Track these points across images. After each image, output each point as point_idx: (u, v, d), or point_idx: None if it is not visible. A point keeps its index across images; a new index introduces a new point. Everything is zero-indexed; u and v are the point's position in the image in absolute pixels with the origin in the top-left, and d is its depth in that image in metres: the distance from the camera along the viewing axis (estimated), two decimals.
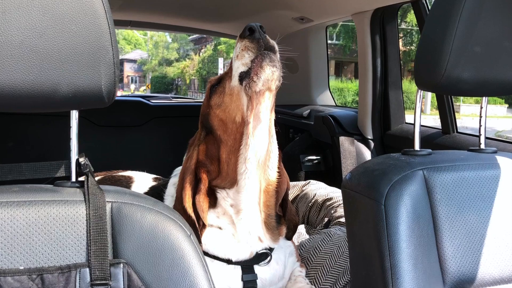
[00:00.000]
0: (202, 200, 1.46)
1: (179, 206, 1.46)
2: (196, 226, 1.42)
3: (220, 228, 1.51)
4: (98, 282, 0.87)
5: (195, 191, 1.47)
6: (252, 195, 1.49)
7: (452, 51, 1.14)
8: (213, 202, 1.52)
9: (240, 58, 1.38)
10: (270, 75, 1.35)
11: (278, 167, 1.56)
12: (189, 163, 1.49)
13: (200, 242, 1.42)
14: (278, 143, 1.53)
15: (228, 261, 1.49)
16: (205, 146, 1.51)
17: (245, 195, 1.48)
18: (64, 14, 0.85)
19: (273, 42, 1.39)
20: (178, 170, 1.69)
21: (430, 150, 1.29)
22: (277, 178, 1.55)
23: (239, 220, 1.50)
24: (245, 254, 1.51)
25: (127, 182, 2.02)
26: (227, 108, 1.44)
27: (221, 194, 1.50)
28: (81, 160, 0.97)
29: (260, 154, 1.46)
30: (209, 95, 1.51)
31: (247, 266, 1.51)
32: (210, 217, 1.51)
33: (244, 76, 1.37)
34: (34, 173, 1.01)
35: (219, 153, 1.48)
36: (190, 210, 1.42)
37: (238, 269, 1.50)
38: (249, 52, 1.37)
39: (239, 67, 1.39)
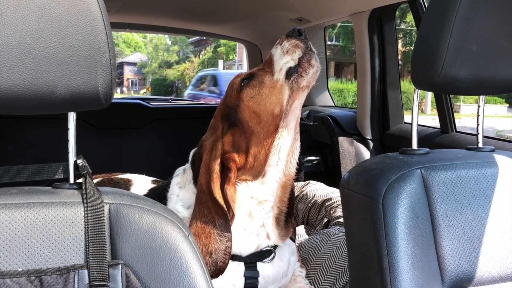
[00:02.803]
0: (233, 190, 1.47)
1: (204, 198, 1.45)
2: (228, 217, 1.42)
3: None
4: (97, 283, 0.87)
5: (222, 182, 1.47)
6: (275, 187, 1.53)
7: (449, 50, 1.14)
8: None
9: (291, 53, 1.48)
10: (315, 73, 1.48)
11: None
12: (214, 154, 1.49)
13: (230, 231, 1.42)
14: None
15: (232, 257, 1.50)
16: (231, 138, 1.51)
17: (269, 187, 1.52)
18: (61, 16, 0.85)
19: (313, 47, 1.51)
20: (180, 170, 1.69)
21: (428, 149, 1.29)
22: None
23: (259, 210, 1.52)
24: (252, 247, 1.52)
25: (126, 185, 2.02)
26: (265, 101, 1.48)
27: (240, 187, 1.51)
28: (79, 162, 0.98)
29: (289, 148, 1.52)
30: (239, 88, 1.52)
31: (250, 263, 1.52)
32: None
33: (292, 71, 1.46)
34: (32, 175, 1.02)
35: (248, 144, 1.49)
36: (221, 201, 1.42)
37: (241, 266, 1.52)
38: (298, 49, 1.47)
39: (288, 61, 1.48)
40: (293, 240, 1.71)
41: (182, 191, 1.61)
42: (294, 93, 1.47)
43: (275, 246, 1.57)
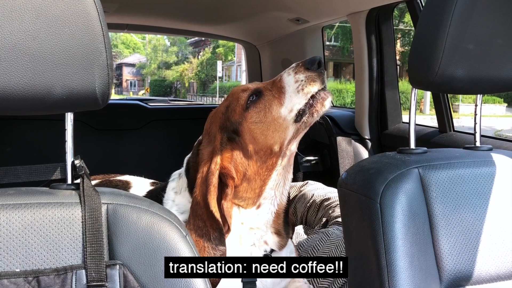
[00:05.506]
0: (230, 206, 1.45)
1: (200, 211, 1.43)
2: (223, 231, 1.41)
3: None
4: (94, 283, 0.87)
5: (218, 196, 1.45)
6: (269, 217, 1.52)
7: (445, 49, 1.14)
8: None
9: (305, 93, 1.40)
10: (325, 111, 1.41)
11: None
12: (213, 168, 1.44)
13: (224, 245, 1.41)
14: None
15: None
16: (230, 154, 1.46)
17: (263, 218, 1.51)
18: (57, 16, 0.85)
19: None
20: (175, 174, 1.68)
21: (425, 149, 1.29)
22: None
23: (250, 235, 1.51)
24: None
25: (124, 187, 2.02)
26: (266, 132, 1.43)
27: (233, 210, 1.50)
28: (77, 162, 0.98)
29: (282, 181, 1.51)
30: (246, 105, 1.46)
31: None
32: None
33: (303, 112, 1.40)
34: (30, 175, 1.02)
35: (245, 167, 1.46)
36: (217, 215, 1.40)
37: None
38: (315, 86, 1.40)
39: (301, 102, 1.40)
40: (291, 239, 1.71)
41: (177, 197, 1.61)
42: (297, 132, 1.44)
43: (272, 250, 1.56)
